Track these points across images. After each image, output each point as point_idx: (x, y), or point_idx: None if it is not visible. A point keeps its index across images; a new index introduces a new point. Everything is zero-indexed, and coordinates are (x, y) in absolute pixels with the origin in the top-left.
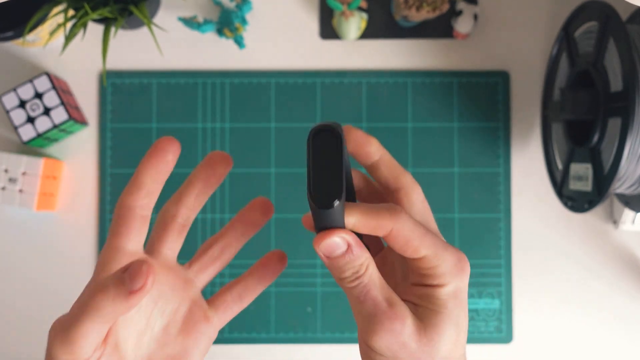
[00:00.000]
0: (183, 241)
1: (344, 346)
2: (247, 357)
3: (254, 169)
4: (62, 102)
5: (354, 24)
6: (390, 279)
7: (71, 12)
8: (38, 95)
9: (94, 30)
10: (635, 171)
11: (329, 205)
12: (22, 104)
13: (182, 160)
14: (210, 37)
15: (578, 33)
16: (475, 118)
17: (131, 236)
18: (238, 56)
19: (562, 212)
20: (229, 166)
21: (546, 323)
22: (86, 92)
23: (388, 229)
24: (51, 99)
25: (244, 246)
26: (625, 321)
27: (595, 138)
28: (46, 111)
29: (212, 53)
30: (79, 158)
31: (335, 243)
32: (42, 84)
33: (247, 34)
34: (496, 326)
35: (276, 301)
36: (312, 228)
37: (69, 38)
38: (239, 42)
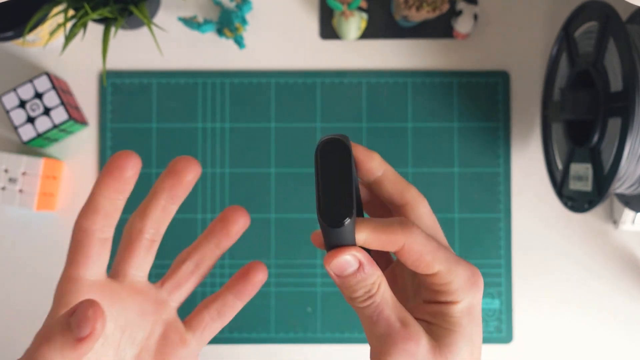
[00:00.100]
0: (153, 259)
1: (344, 346)
2: (247, 357)
3: (254, 169)
4: (62, 102)
5: (354, 24)
6: (400, 295)
7: (71, 12)
8: (38, 95)
9: (94, 30)
10: (635, 171)
11: (340, 224)
12: (22, 104)
13: None
14: (210, 37)
15: (578, 33)
16: (475, 118)
17: (89, 263)
18: (238, 56)
19: (562, 212)
20: (197, 172)
21: (546, 323)
22: (86, 92)
23: (400, 244)
24: (51, 99)
25: (243, 248)
26: (625, 321)
27: (595, 138)
28: (46, 111)
29: (212, 53)
30: (79, 158)
31: (346, 261)
32: (42, 84)
33: (247, 34)
34: (496, 326)
35: (276, 301)
36: (322, 246)
37: (69, 38)
38: (239, 42)
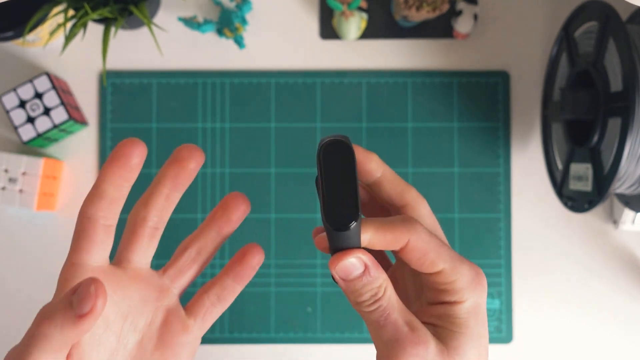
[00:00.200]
0: (156, 246)
1: (344, 346)
2: (247, 357)
3: (254, 169)
4: (62, 102)
5: (354, 24)
6: (402, 298)
7: (71, 12)
8: (38, 95)
9: (94, 30)
10: (635, 171)
11: (346, 227)
12: (22, 104)
13: None
14: (210, 37)
15: (578, 33)
16: (475, 118)
17: (93, 250)
18: (238, 56)
19: (562, 212)
20: (201, 160)
21: (546, 323)
22: (86, 92)
23: (404, 241)
24: (51, 99)
25: (240, 245)
26: (625, 321)
27: (595, 138)
28: (46, 111)
29: (212, 53)
30: (79, 158)
31: (351, 264)
32: (42, 84)
33: (247, 34)
34: (496, 326)
35: (276, 301)
36: (326, 250)
37: (69, 38)
38: (239, 42)
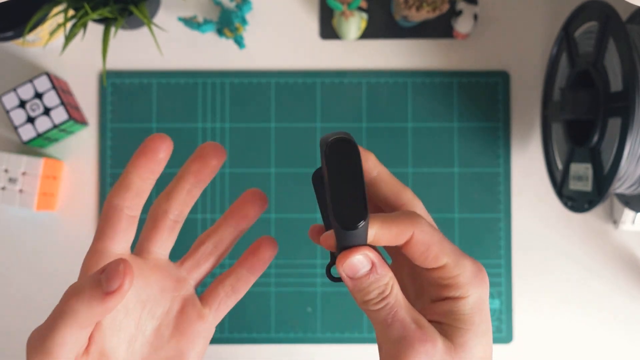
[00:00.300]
0: (175, 239)
1: (344, 346)
2: (247, 357)
3: (254, 169)
4: (62, 102)
5: (354, 24)
6: None
7: (71, 12)
8: (38, 95)
9: (94, 30)
10: (635, 171)
11: (355, 226)
12: (22, 104)
13: (181, 160)
14: (210, 37)
15: (578, 33)
16: (475, 118)
17: (117, 238)
18: (238, 56)
19: (562, 212)
20: (223, 157)
21: (546, 323)
22: (86, 92)
23: (409, 235)
24: (51, 99)
25: (243, 247)
26: (625, 321)
27: (595, 138)
28: (46, 111)
29: (212, 53)
30: (79, 158)
31: (358, 261)
32: (42, 84)
33: (247, 34)
34: (496, 326)
35: (276, 301)
36: (332, 248)
37: (69, 38)
38: (239, 42)
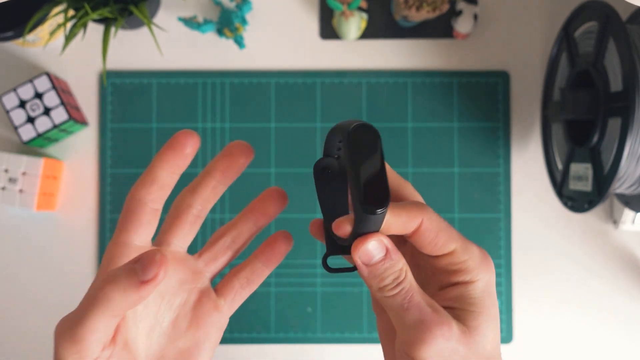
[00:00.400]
0: (195, 234)
1: (344, 346)
2: (247, 357)
3: (254, 169)
4: (62, 102)
5: (354, 24)
6: None
7: (71, 12)
8: (38, 95)
9: (94, 30)
10: (635, 171)
11: (377, 211)
12: (22, 104)
13: None
14: (210, 37)
15: (578, 33)
16: (475, 118)
17: (140, 230)
18: (238, 56)
19: (562, 212)
20: (250, 156)
21: (546, 323)
22: (86, 92)
23: (418, 222)
24: (51, 99)
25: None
26: (625, 321)
27: (595, 138)
28: (46, 111)
29: (212, 53)
30: (79, 158)
31: (374, 247)
32: (42, 84)
33: (247, 34)
34: None
35: (276, 301)
36: (345, 234)
37: (69, 38)
38: (239, 42)
